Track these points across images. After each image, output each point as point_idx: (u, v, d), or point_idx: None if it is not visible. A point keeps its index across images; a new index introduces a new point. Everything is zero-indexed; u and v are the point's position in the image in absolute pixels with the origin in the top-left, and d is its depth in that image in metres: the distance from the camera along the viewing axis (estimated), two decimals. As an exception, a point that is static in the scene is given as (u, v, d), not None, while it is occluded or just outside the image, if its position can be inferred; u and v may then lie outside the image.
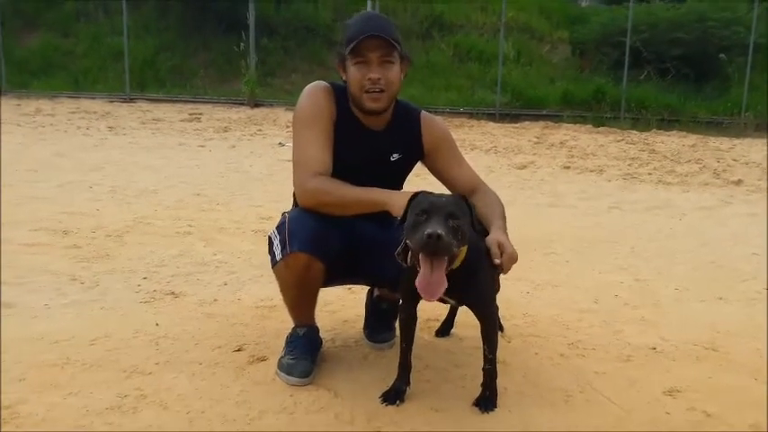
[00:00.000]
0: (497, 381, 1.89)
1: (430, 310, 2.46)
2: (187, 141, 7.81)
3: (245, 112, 10.67)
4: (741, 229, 4.37)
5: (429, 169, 2.17)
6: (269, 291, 2.74)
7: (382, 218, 1.91)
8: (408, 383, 1.91)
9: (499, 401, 1.88)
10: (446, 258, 1.61)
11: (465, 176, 2.13)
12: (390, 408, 1.83)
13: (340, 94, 2.04)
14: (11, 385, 1.87)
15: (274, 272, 2.02)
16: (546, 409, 1.87)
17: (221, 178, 5.56)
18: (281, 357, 2.03)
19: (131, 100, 11.74)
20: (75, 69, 12.58)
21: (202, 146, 7.55)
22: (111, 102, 11.56)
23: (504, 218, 2.01)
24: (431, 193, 1.72)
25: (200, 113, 10.37)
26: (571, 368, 2.14)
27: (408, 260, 1.76)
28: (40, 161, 5.95)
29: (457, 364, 2.14)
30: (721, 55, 11.22)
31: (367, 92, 1.94)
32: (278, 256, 1.98)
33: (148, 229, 3.73)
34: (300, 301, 2.07)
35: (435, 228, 1.55)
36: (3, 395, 1.81)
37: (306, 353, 2.02)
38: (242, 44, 11.70)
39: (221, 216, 4.14)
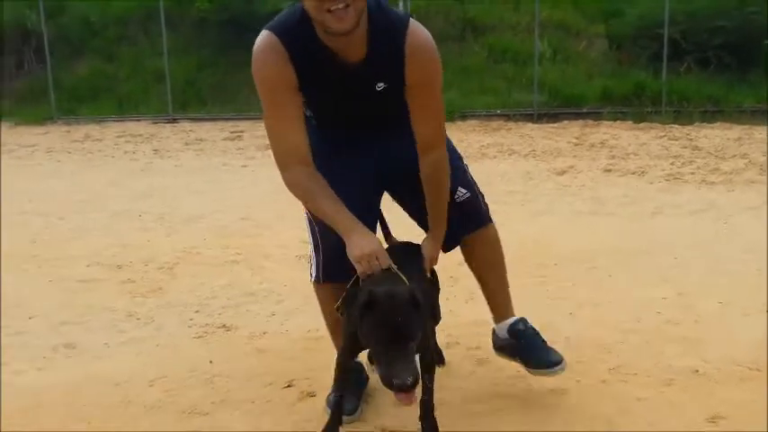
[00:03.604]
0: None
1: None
2: (230, 162, 8.00)
3: (285, 128, 10.86)
4: (790, 230, 4.28)
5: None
6: (315, 321, 2.82)
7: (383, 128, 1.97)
8: (341, 423, 1.94)
9: (539, 429, 1.93)
10: None
11: (427, 132, 1.93)
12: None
13: (294, 36, 1.79)
14: (80, 428, 2.00)
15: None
16: (588, 439, 1.91)
17: (264, 200, 5.70)
18: (329, 394, 2.11)
19: (174, 121, 12.08)
20: (120, 93, 13.01)
21: (245, 166, 7.74)
22: (155, 123, 11.92)
23: (443, 208, 1.98)
24: (379, 298, 1.62)
25: (242, 131, 10.60)
26: (613, 394, 2.17)
27: (344, 313, 1.80)
28: (92, 191, 6.21)
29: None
30: (766, 41, 10.91)
31: (329, 11, 1.68)
32: (312, 275, 2.09)
33: (198, 259, 3.88)
34: (336, 329, 2.12)
35: (404, 378, 1.54)
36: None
37: (352, 390, 2.09)
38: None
39: (266, 242, 4.26)
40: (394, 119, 1.99)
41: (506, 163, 7.39)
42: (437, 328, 2.27)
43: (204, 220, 4.91)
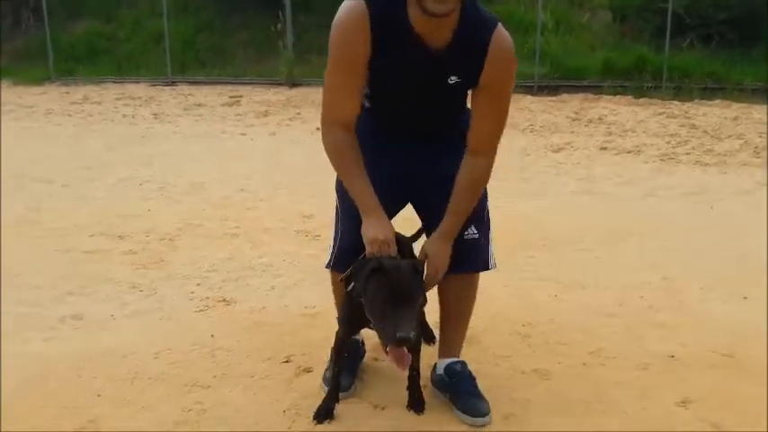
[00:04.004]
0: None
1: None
2: (229, 129, 8.05)
3: (283, 93, 10.88)
4: (776, 215, 4.38)
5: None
6: (312, 297, 2.96)
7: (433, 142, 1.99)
8: (338, 400, 2.06)
9: (520, 412, 2.06)
10: None
11: (482, 135, 1.95)
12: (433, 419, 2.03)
13: (384, 8, 1.80)
14: (91, 400, 2.15)
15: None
16: (561, 419, 2.04)
17: (263, 170, 5.79)
18: (326, 370, 2.22)
19: (173, 83, 12.05)
20: (119, 54, 12.96)
21: (244, 133, 7.78)
22: (154, 86, 11.90)
23: (460, 221, 1.99)
24: (386, 266, 1.76)
25: (240, 96, 10.61)
26: (592, 378, 2.30)
27: (351, 288, 1.90)
28: (92, 156, 6.28)
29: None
30: (769, 19, 10.85)
31: None
32: (326, 260, 2.14)
33: (198, 231, 3.98)
34: None
35: (407, 331, 1.67)
36: (84, 409, 2.08)
37: (347, 366, 2.21)
38: (279, 24, 11.85)
39: (265, 215, 4.36)
40: (445, 128, 2.03)
41: (504, 138, 7.38)
42: (426, 309, 2.38)
43: (204, 191, 5.00)
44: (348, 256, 1.98)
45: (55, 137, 7.48)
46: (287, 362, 2.40)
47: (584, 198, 4.87)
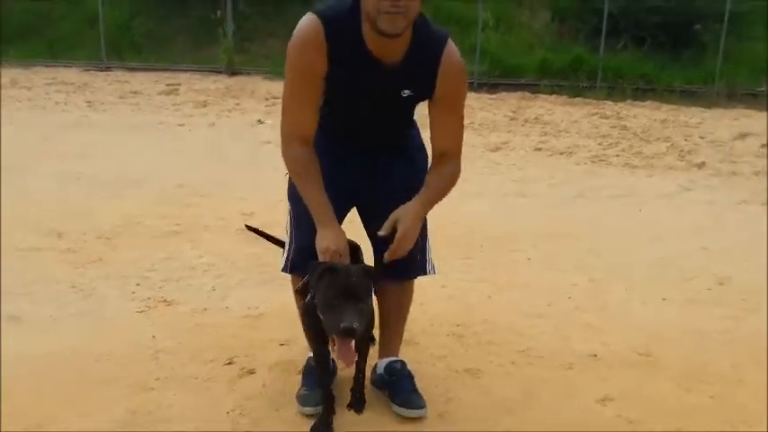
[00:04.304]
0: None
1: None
2: (166, 119, 7.92)
3: (222, 82, 10.75)
4: (696, 219, 4.68)
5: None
6: (254, 298, 3.02)
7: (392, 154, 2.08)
8: (334, 412, 2.11)
9: (453, 410, 2.19)
10: None
11: (444, 140, 2.07)
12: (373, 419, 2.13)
13: (339, 27, 1.90)
14: (40, 402, 2.16)
15: None
16: (491, 417, 2.18)
17: (202, 165, 5.75)
18: (298, 390, 2.22)
19: (108, 69, 11.72)
20: (51, 35, 12.48)
21: (182, 124, 7.69)
22: (88, 71, 11.54)
23: (434, 201, 2.07)
24: (341, 271, 1.86)
25: (178, 84, 10.43)
26: (520, 376, 2.45)
27: (307, 298, 1.98)
28: (25, 147, 6.09)
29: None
30: (696, 26, 11.37)
31: (386, 12, 1.81)
32: (282, 264, 2.18)
33: (137, 230, 3.96)
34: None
35: (351, 321, 1.77)
36: (33, 411, 2.10)
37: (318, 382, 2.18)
38: (219, 12, 11.67)
39: (205, 212, 4.35)
40: (397, 139, 2.14)
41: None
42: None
43: (143, 186, 4.94)
44: (303, 260, 2.06)
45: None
46: (229, 363, 2.45)
47: (519, 200, 5.06)
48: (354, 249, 2.13)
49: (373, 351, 2.42)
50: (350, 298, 1.82)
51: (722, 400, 2.34)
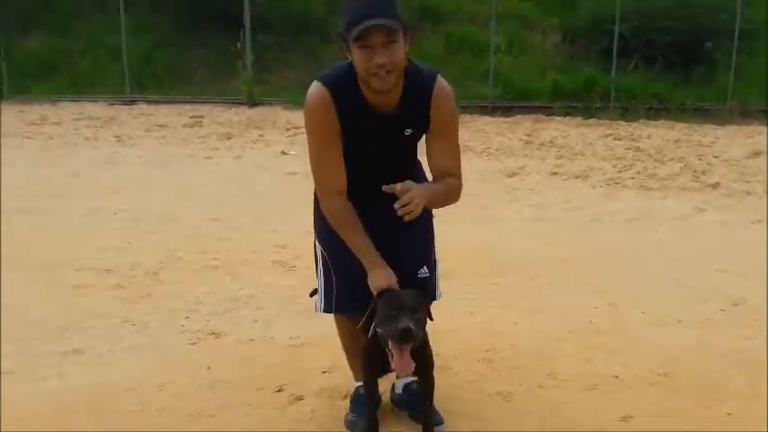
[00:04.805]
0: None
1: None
2: (194, 153, 8.22)
3: (244, 113, 11.07)
4: (710, 241, 4.85)
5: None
6: (295, 328, 3.24)
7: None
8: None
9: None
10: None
11: (443, 163, 2.26)
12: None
13: (341, 89, 2.14)
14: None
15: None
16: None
17: (232, 198, 6.01)
18: (346, 415, 2.44)
19: (132, 102, 12.09)
20: (74, 71, 12.87)
21: (209, 157, 7.98)
22: (113, 105, 11.91)
23: (438, 193, 2.21)
24: (396, 291, 2.11)
25: (201, 116, 10.75)
26: (548, 398, 2.64)
27: (370, 333, 2.18)
28: (58, 184, 6.39)
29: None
30: (707, 44, 11.52)
31: (374, 74, 2.04)
32: (319, 308, 2.39)
33: (179, 264, 4.20)
34: (352, 353, 2.48)
35: (407, 323, 1.99)
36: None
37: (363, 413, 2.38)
38: (239, 44, 12.01)
39: (240, 246, 4.60)
40: (406, 176, 2.26)
41: (463, 161, 7.79)
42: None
43: (177, 221, 5.20)
44: (348, 300, 2.29)
45: (15, 162, 7.35)
46: (279, 391, 2.66)
47: (536, 225, 5.27)
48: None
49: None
50: (406, 309, 2.04)
51: (739, 416, 2.52)
